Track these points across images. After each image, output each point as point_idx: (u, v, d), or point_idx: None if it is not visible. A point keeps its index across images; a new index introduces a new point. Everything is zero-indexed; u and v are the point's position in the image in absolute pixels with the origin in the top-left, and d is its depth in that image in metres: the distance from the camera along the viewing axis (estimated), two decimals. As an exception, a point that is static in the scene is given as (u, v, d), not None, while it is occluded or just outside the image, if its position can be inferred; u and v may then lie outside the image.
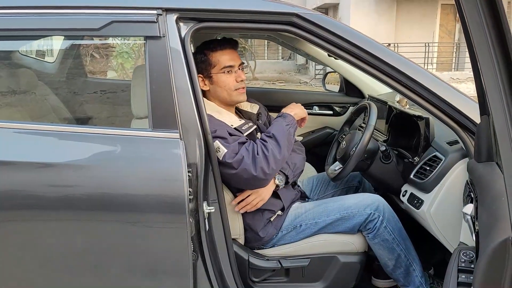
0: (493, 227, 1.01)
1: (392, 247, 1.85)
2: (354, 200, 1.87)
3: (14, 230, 1.46)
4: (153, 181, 1.45)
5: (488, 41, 0.78)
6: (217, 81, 1.80)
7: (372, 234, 1.84)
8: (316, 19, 1.57)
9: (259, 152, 1.67)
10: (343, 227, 1.85)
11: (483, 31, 0.77)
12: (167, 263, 1.51)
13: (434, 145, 1.89)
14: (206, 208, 1.51)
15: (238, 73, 1.82)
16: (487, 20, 0.76)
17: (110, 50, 6.65)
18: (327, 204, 1.89)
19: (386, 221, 1.82)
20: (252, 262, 1.81)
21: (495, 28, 0.76)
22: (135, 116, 1.77)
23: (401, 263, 1.87)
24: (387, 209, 1.85)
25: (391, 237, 1.84)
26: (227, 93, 1.81)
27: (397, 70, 1.59)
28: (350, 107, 3.06)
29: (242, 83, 1.83)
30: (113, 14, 1.48)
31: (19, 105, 2.28)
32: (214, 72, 1.80)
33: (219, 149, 1.64)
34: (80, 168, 1.44)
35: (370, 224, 1.83)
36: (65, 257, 1.49)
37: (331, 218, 1.84)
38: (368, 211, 1.82)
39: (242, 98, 1.86)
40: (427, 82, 1.59)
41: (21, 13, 1.48)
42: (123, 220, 1.46)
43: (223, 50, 1.80)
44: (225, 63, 1.79)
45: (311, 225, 1.85)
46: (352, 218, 1.83)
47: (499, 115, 0.81)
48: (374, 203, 1.84)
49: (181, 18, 1.52)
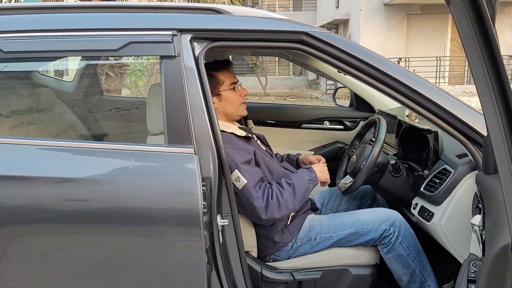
0: (496, 234, 1.03)
1: (407, 262, 1.84)
2: (370, 216, 1.89)
3: (33, 242, 1.50)
4: (168, 195, 1.48)
5: (482, 63, 0.83)
6: (225, 97, 1.91)
7: (387, 249, 1.85)
8: (325, 36, 1.61)
9: (274, 197, 1.74)
10: (357, 242, 1.86)
11: (477, 54, 0.82)
12: (182, 275, 1.53)
13: (444, 158, 1.91)
14: (220, 221, 1.55)
15: (241, 88, 1.95)
16: (480, 43, 0.81)
17: (124, 68, 6.79)
18: (342, 218, 1.91)
19: (402, 236, 1.83)
20: (265, 275, 1.83)
21: (487, 50, 0.81)
22: (151, 132, 1.83)
23: (416, 279, 1.86)
24: (403, 225, 1.86)
25: (406, 252, 1.84)
26: (234, 108, 1.93)
27: (405, 85, 1.61)
28: (360, 121, 3.08)
29: (244, 97, 1.97)
30: (131, 35, 1.54)
31: (38, 122, 2.36)
32: (223, 90, 1.90)
33: (238, 179, 1.72)
34: (98, 182, 1.48)
35: (385, 240, 1.84)
36: (82, 269, 1.52)
37: (345, 233, 1.86)
38: (383, 227, 1.83)
39: (244, 113, 2.00)
40: (434, 96, 1.61)
41: (44, 36, 1.54)
42: (139, 233, 1.50)
43: (226, 69, 1.94)
44: (232, 80, 1.93)
45: (325, 239, 1.87)
46: (367, 234, 1.85)
47: (495, 130, 0.85)
48: (390, 219, 1.85)
49: (195, 38, 1.58)
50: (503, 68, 0.85)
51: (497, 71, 0.83)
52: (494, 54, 0.81)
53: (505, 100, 0.83)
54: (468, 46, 0.83)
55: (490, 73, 0.84)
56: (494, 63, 0.82)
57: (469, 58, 0.85)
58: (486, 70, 0.84)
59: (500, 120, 0.85)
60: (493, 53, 0.81)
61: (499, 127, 0.86)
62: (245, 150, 1.80)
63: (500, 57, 0.83)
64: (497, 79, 0.84)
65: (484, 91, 0.85)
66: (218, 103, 1.90)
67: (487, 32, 0.80)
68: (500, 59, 0.83)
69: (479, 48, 0.82)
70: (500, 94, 0.84)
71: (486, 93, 0.85)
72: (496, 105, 0.85)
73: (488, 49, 0.81)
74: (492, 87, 0.84)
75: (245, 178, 1.72)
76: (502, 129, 0.86)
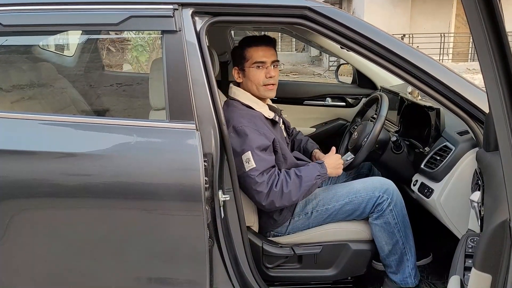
0: (494, 210, 1.05)
1: (393, 231, 1.86)
2: (363, 184, 1.90)
3: (36, 217, 1.52)
4: (170, 170, 1.49)
5: (486, 39, 0.82)
6: (248, 74, 1.88)
7: (377, 215, 1.85)
8: (328, 12, 1.60)
9: (278, 186, 1.74)
10: (353, 212, 1.87)
11: (481, 29, 0.81)
12: (184, 249, 1.56)
13: (445, 135, 1.91)
14: (222, 196, 1.56)
15: (269, 69, 1.88)
16: (485, 19, 0.80)
17: (126, 43, 6.73)
18: (336, 189, 1.92)
19: (394, 205, 1.84)
20: (266, 249, 1.86)
21: (492, 26, 0.81)
22: (153, 107, 1.83)
23: (397, 250, 1.88)
24: (396, 193, 1.86)
25: (394, 221, 1.85)
26: (256, 87, 1.89)
27: (408, 61, 1.60)
28: (362, 98, 3.08)
29: (271, 79, 1.88)
30: (131, 9, 1.52)
31: (40, 97, 2.35)
32: (247, 66, 1.88)
33: (248, 161, 1.72)
34: (100, 157, 1.50)
35: (378, 207, 1.85)
36: (85, 243, 1.55)
37: (340, 203, 1.87)
38: (377, 194, 1.84)
39: (270, 94, 1.93)
40: (437, 73, 1.61)
41: (43, 9, 1.53)
42: (142, 208, 1.52)
43: (258, 46, 1.88)
44: (257, 58, 1.86)
45: (321, 212, 1.89)
46: (361, 203, 1.86)
47: (497, 107, 0.86)
48: (384, 186, 1.86)
49: (196, 13, 1.57)
50: (508, 44, 0.85)
51: (501, 47, 0.82)
52: (499, 30, 0.80)
53: (508, 77, 0.83)
54: (472, 22, 0.82)
55: (494, 49, 0.83)
56: (499, 40, 0.82)
57: (473, 34, 0.84)
58: (490, 46, 0.83)
59: (503, 96, 0.85)
60: (498, 29, 0.80)
61: (501, 103, 0.86)
62: (266, 135, 1.78)
63: (505, 33, 0.83)
64: (500, 56, 0.83)
65: (487, 67, 0.85)
66: (242, 79, 1.91)
67: (493, 7, 0.79)
68: (505, 35, 0.83)
69: (484, 23, 0.81)
70: (503, 71, 0.84)
71: (489, 69, 0.85)
72: (499, 81, 0.85)
73: (493, 24, 0.80)
74: (495, 64, 0.84)
75: (255, 162, 1.71)
76: (504, 105, 0.86)
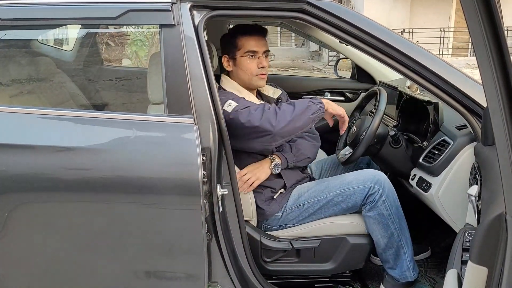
0: (490, 204, 1.05)
1: (387, 223, 1.84)
2: (355, 176, 1.89)
3: (34, 211, 1.52)
4: (168, 164, 1.49)
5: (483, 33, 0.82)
6: (239, 63, 1.89)
7: (369, 206, 1.84)
8: (327, 6, 1.59)
9: (271, 108, 1.72)
10: (344, 203, 1.86)
11: (478, 23, 0.81)
12: (182, 243, 1.56)
13: (443, 129, 1.92)
14: (220, 190, 1.57)
15: (260, 59, 1.90)
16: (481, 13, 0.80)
17: (125, 38, 6.72)
18: (328, 182, 1.92)
19: (386, 195, 1.83)
20: (264, 243, 1.87)
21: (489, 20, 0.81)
22: (152, 101, 1.83)
23: (393, 243, 1.87)
24: (388, 184, 1.85)
25: (387, 212, 1.83)
26: (248, 77, 1.90)
27: (406, 56, 1.61)
28: (361, 93, 3.07)
29: (263, 69, 1.91)
30: (130, 3, 1.52)
31: (39, 91, 2.35)
32: (238, 55, 1.88)
33: (230, 104, 1.71)
34: (99, 151, 1.49)
35: (370, 198, 1.84)
36: (84, 237, 1.54)
37: (331, 195, 1.86)
38: (368, 185, 1.83)
39: (261, 84, 1.95)
40: (436, 67, 1.61)
41: (41, 3, 1.53)
42: (140, 202, 1.52)
43: (251, 36, 1.88)
44: (249, 47, 1.87)
45: (313, 203, 1.87)
46: (353, 194, 1.84)
47: (493, 101, 0.86)
48: (375, 177, 1.85)
49: (194, 7, 1.57)
50: (504, 39, 0.85)
51: (498, 41, 0.83)
52: (495, 24, 0.80)
53: (505, 71, 0.84)
54: (469, 15, 0.82)
55: (491, 43, 0.83)
56: (495, 33, 0.82)
57: (470, 27, 0.84)
58: (487, 40, 0.83)
59: (499, 90, 0.85)
60: (495, 23, 0.80)
61: (497, 97, 0.86)
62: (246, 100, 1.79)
63: (502, 28, 0.83)
64: (497, 50, 0.84)
65: (484, 61, 0.85)
66: (232, 67, 1.91)
67: (489, 1, 0.80)
68: (502, 29, 0.83)
69: (481, 17, 0.81)
70: (499, 65, 0.84)
71: (486, 63, 0.85)
72: (496, 75, 0.85)
73: (490, 18, 0.80)
74: (492, 58, 0.84)
75: (237, 103, 1.70)
76: (501, 99, 0.86)
